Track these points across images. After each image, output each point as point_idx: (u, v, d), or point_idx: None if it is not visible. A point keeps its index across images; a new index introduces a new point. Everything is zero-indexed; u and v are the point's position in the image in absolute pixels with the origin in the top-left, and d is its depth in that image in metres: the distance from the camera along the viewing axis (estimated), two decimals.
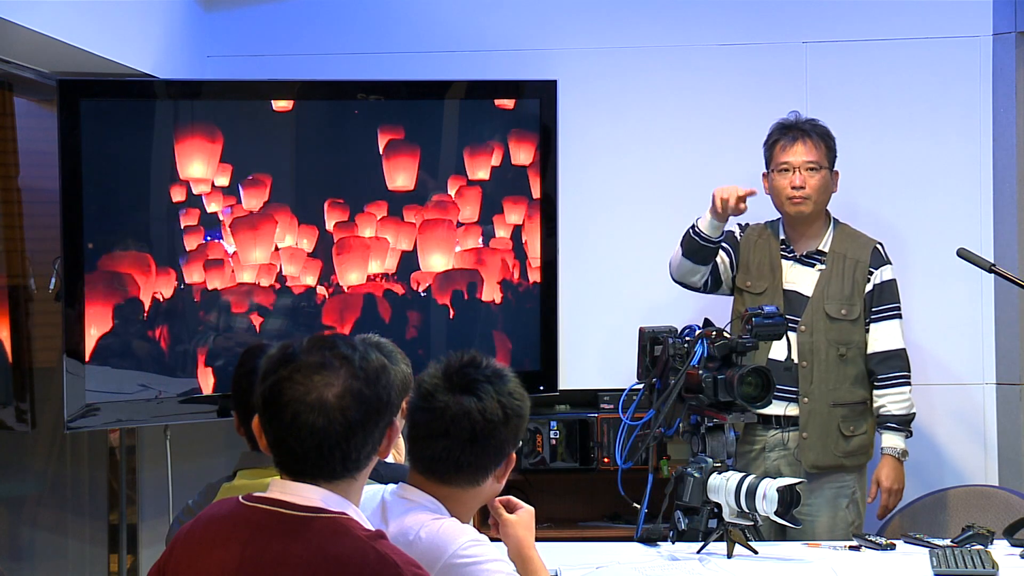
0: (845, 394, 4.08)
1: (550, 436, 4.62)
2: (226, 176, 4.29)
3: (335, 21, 4.83)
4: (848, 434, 4.07)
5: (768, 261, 4.21)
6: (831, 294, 4.11)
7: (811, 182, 4.13)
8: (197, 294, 4.27)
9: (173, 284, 4.25)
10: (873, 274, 4.15)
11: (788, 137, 4.17)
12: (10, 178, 4.30)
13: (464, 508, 2.57)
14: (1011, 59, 4.60)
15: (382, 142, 4.41)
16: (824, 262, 4.17)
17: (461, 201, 4.48)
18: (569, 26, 4.80)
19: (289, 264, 4.35)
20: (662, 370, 3.61)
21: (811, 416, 4.04)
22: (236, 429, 2.89)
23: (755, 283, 4.20)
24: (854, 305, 4.10)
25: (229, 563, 2.06)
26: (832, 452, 4.06)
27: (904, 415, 4.07)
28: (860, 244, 4.19)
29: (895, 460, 4.07)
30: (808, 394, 4.06)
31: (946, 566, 3.16)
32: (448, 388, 2.51)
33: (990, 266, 4.00)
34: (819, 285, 4.14)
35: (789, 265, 4.20)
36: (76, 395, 4.10)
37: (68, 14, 3.94)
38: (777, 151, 4.18)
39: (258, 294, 4.32)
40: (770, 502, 3.21)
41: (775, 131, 4.22)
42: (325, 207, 4.37)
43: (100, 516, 4.64)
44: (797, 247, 4.21)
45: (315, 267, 4.37)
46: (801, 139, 4.15)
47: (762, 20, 4.74)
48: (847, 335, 4.10)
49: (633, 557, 3.34)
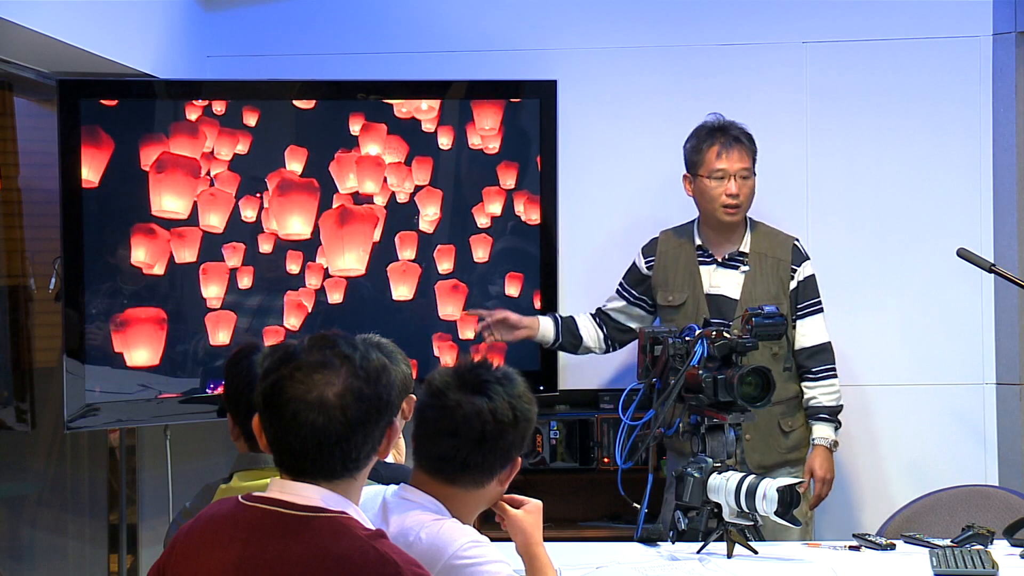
0: (780, 391, 4.06)
1: (550, 436, 4.62)
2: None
3: (335, 21, 4.83)
4: (787, 429, 4.15)
5: (686, 269, 4.21)
6: (758, 295, 4.11)
7: (744, 190, 4.13)
8: (198, 293, 4.27)
9: (174, 284, 4.25)
10: (796, 271, 4.17)
11: (724, 142, 4.13)
12: (10, 178, 4.30)
13: (466, 510, 2.57)
14: (1011, 59, 4.60)
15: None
16: (747, 263, 4.17)
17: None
18: (569, 26, 4.80)
19: (292, 263, 4.35)
20: (662, 370, 3.61)
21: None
22: (230, 431, 2.83)
23: (675, 295, 4.20)
24: (781, 304, 4.11)
25: (229, 563, 2.06)
26: (775, 450, 4.14)
27: (833, 406, 4.15)
28: (779, 242, 4.20)
29: (826, 450, 4.12)
30: None
31: (946, 566, 3.15)
32: (460, 387, 2.52)
33: (990, 266, 4.00)
34: (745, 287, 4.15)
35: (711, 270, 4.20)
36: (76, 395, 4.10)
37: (68, 14, 3.94)
38: (711, 156, 4.13)
39: (258, 293, 4.33)
40: (770, 502, 3.20)
41: (707, 134, 4.17)
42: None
43: (100, 516, 4.64)
44: (716, 251, 4.20)
45: (319, 268, 4.38)
46: (737, 146, 4.13)
47: (762, 20, 4.74)
48: None
49: (633, 557, 3.34)
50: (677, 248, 4.26)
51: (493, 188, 4.49)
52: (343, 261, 4.38)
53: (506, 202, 4.50)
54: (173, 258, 4.24)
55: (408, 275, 4.44)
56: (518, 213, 4.50)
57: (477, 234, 4.49)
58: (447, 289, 4.46)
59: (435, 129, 4.44)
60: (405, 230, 4.44)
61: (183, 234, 4.24)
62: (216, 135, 4.27)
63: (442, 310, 4.46)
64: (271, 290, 4.34)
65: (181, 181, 4.23)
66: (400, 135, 4.43)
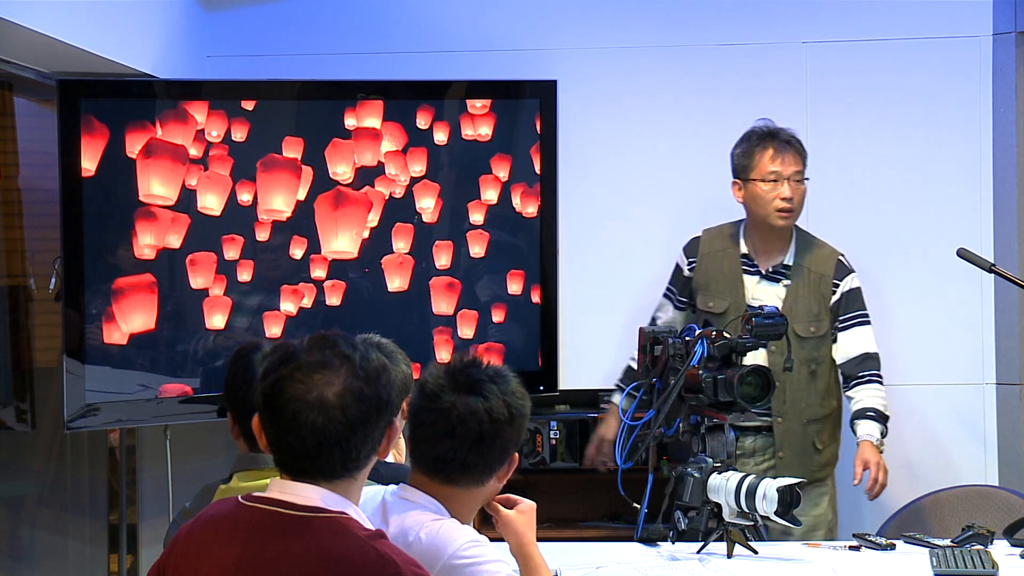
0: (817, 409, 4.08)
1: (550, 436, 4.62)
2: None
3: (335, 21, 4.83)
4: (821, 447, 4.10)
5: (729, 277, 4.14)
6: (799, 313, 4.05)
7: (797, 195, 4.08)
8: (198, 293, 4.27)
9: (173, 284, 4.25)
10: (838, 286, 4.09)
11: (778, 146, 4.07)
12: (10, 178, 4.30)
13: (466, 509, 2.57)
14: (1011, 59, 4.60)
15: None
16: (790, 277, 4.10)
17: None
18: (569, 26, 4.80)
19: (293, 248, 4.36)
20: (662, 370, 3.61)
21: (786, 436, 4.05)
22: (230, 430, 2.84)
23: (716, 302, 4.14)
24: (822, 321, 4.07)
25: (229, 563, 2.06)
26: (808, 468, 4.05)
27: (882, 410, 4.02)
28: (823, 257, 4.12)
29: (872, 444, 3.95)
30: (782, 413, 4.05)
31: (946, 566, 3.15)
32: (453, 388, 2.51)
33: (990, 266, 4.00)
34: (786, 302, 4.07)
35: (754, 281, 4.13)
36: (76, 395, 4.10)
37: (68, 14, 3.94)
38: (764, 159, 4.07)
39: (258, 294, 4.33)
40: (770, 502, 3.20)
41: (759, 138, 4.10)
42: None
43: (100, 516, 4.64)
44: (761, 262, 4.14)
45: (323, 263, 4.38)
46: (790, 149, 4.07)
47: (762, 20, 4.74)
48: (816, 351, 4.08)
49: (633, 557, 3.34)
50: (721, 252, 4.17)
51: (492, 186, 4.49)
52: (336, 243, 4.36)
53: (507, 201, 4.50)
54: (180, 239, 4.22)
55: (403, 268, 4.43)
56: (518, 210, 4.50)
57: (474, 230, 4.49)
58: (442, 286, 4.46)
59: (430, 125, 4.44)
60: (402, 221, 4.43)
61: (179, 218, 4.21)
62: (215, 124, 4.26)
63: (436, 307, 4.46)
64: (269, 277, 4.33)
65: (170, 168, 4.20)
66: (398, 122, 4.42)
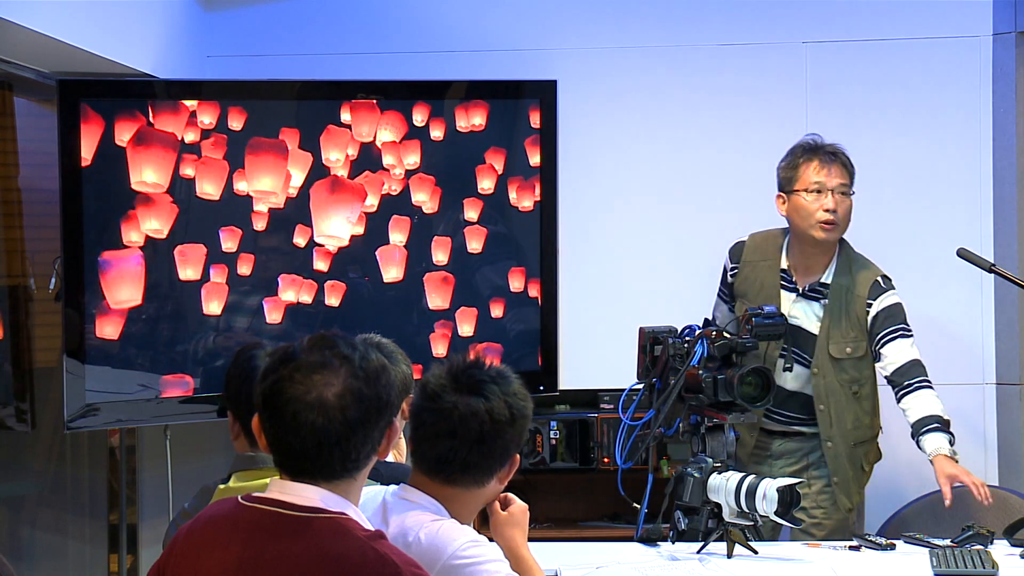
0: (864, 431, 4.03)
1: (550, 436, 4.62)
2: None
3: (335, 21, 4.83)
4: (867, 468, 4.07)
5: (766, 291, 4.03)
6: (834, 335, 3.96)
7: (842, 207, 3.96)
8: (198, 293, 4.27)
9: (172, 284, 4.25)
10: (871, 305, 3.96)
11: (823, 158, 3.97)
12: (10, 178, 4.30)
13: (466, 509, 2.56)
14: (1011, 59, 4.60)
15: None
16: (827, 296, 3.99)
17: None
18: (569, 26, 4.80)
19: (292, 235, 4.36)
20: (662, 370, 3.61)
21: (838, 460, 3.99)
22: (230, 429, 2.83)
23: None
24: (860, 342, 3.97)
25: (228, 563, 2.06)
26: (856, 490, 4.04)
27: (942, 415, 3.83)
28: (863, 278, 3.99)
29: (947, 457, 3.72)
30: (830, 438, 3.98)
31: (946, 566, 3.16)
32: (455, 389, 2.51)
33: (990, 266, 4.00)
34: (823, 324, 3.98)
35: (791, 299, 4.02)
36: (76, 395, 4.10)
37: (68, 14, 3.94)
38: (808, 170, 3.95)
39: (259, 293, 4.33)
40: (770, 502, 3.21)
41: (804, 151, 4.00)
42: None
43: (100, 516, 4.64)
44: (800, 279, 4.03)
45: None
46: (836, 161, 3.97)
47: (762, 20, 4.74)
48: (856, 372, 3.99)
49: (633, 557, 3.34)
50: (764, 263, 4.07)
51: (493, 185, 4.49)
52: (328, 227, 4.36)
53: (506, 200, 4.50)
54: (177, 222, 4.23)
55: (399, 260, 4.44)
56: (514, 203, 4.50)
57: (471, 226, 4.49)
58: (437, 280, 4.47)
59: (427, 122, 4.44)
60: (399, 214, 4.43)
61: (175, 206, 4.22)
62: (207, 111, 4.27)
63: (431, 301, 4.46)
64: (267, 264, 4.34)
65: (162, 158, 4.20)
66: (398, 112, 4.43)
